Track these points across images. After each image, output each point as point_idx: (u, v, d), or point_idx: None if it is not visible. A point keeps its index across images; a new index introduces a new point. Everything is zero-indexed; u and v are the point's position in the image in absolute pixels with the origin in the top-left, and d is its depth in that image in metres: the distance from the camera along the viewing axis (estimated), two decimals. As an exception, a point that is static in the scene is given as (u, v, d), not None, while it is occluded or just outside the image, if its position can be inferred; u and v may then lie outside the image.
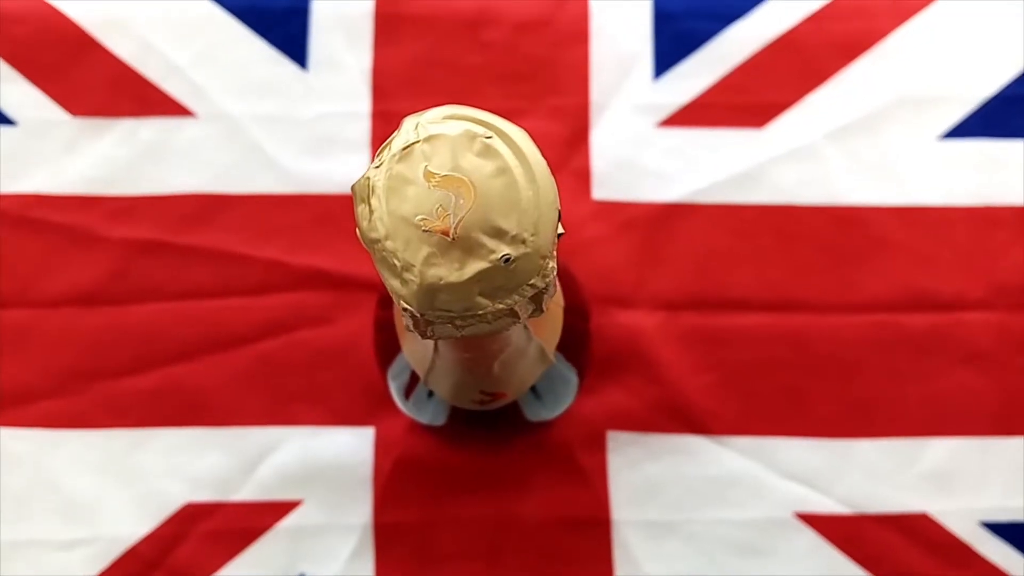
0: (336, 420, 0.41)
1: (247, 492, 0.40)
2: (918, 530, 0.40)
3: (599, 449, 0.40)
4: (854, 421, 0.41)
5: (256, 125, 0.44)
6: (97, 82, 0.44)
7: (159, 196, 0.43)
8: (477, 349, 0.18)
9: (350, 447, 0.40)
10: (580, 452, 0.40)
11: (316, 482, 0.40)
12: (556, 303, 0.22)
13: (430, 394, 0.29)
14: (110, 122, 0.44)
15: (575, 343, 0.26)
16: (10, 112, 0.44)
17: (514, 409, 0.29)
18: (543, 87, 0.44)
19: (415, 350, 0.22)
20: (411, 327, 0.16)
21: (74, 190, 0.43)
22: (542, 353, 0.21)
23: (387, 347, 0.28)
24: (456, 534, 0.40)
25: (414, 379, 0.26)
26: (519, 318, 0.16)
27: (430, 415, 0.28)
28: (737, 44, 0.44)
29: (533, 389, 0.26)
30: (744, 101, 0.44)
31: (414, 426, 0.40)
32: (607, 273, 0.42)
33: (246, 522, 0.40)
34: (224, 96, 0.44)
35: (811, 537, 0.40)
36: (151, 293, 0.42)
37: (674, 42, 0.44)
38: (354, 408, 0.41)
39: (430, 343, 0.20)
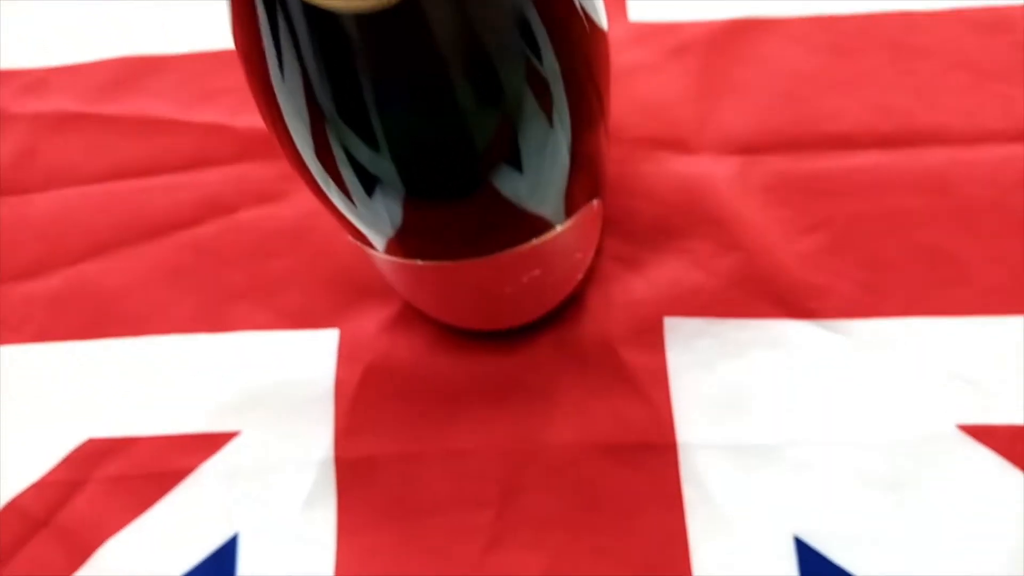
0: (286, 322, 0.30)
1: (167, 422, 0.29)
2: None
3: (654, 344, 0.28)
4: (1038, 291, 0.27)
5: (198, -28, 0.35)
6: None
7: (78, 64, 0.34)
8: None
9: (304, 356, 0.29)
10: (627, 349, 0.28)
11: (258, 405, 0.29)
12: None
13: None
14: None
15: None
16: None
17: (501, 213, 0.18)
18: None
19: None
20: None
21: (-20, 64, 0.35)
22: None
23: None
24: (452, 471, 0.27)
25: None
26: None
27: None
28: None
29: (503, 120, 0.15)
30: None
31: (393, 324, 0.29)
32: (657, 111, 0.30)
33: (164, 462, 0.28)
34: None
35: (984, 456, 0.26)
36: (61, 177, 0.33)
37: None
38: (310, 306, 0.30)
39: None
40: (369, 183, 0.19)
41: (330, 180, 0.20)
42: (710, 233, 0.29)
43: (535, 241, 0.19)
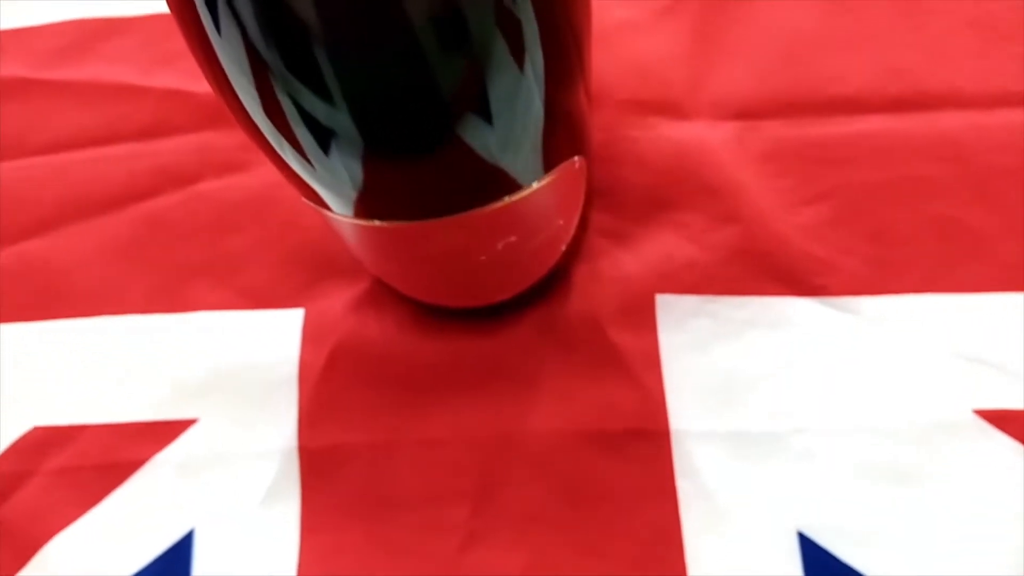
0: (248, 302, 0.27)
1: (119, 410, 0.27)
2: None
3: (645, 324, 0.26)
4: (1061, 265, 0.25)
5: (158, -71, 0.32)
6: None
7: (31, 28, 0.32)
8: None
9: (267, 338, 0.27)
10: (616, 329, 0.26)
11: (216, 391, 0.26)
12: None
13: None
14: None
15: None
16: None
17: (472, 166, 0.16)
18: None
19: None
20: None
21: (-76, 28, 0.32)
22: None
23: None
24: (426, 463, 0.25)
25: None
26: None
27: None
28: None
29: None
30: None
31: (361, 303, 0.27)
32: (647, 72, 0.28)
33: (115, 453, 0.26)
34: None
35: (1003, 444, 0.24)
36: (10, 148, 0.30)
37: None
38: (274, 284, 0.28)
39: None
40: (323, 138, 0.17)
41: (281, 136, 0.18)
42: (705, 204, 0.27)
43: (508, 199, 0.17)
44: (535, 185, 0.17)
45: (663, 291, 0.26)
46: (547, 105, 0.17)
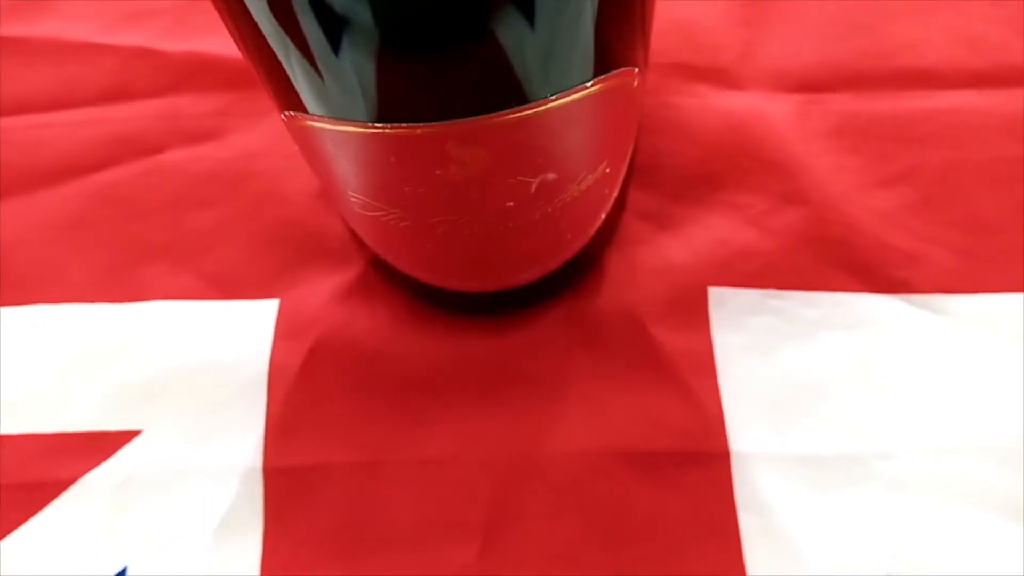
0: (212, 290, 0.23)
1: (46, 417, 0.22)
2: None
3: (696, 321, 0.21)
4: None
5: None
6: None
7: (-19, -18, 0.28)
8: None
9: (232, 333, 0.22)
10: (660, 327, 0.21)
11: (166, 396, 0.22)
12: None
13: None
14: None
15: None
16: None
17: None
18: None
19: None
20: None
21: None
22: None
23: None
24: (423, 488, 0.20)
25: None
26: None
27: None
28: None
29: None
30: None
31: (349, 292, 0.22)
32: (694, 35, 0.25)
33: (37, 470, 0.21)
34: None
35: None
36: (-56, 111, 0.26)
37: None
38: (245, 269, 0.23)
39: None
40: (333, 27, 0.13)
41: (281, 31, 0.14)
42: (764, 184, 0.23)
43: (551, 103, 0.13)
44: (586, 88, 0.13)
45: (717, 283, 0.22)
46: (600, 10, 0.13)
